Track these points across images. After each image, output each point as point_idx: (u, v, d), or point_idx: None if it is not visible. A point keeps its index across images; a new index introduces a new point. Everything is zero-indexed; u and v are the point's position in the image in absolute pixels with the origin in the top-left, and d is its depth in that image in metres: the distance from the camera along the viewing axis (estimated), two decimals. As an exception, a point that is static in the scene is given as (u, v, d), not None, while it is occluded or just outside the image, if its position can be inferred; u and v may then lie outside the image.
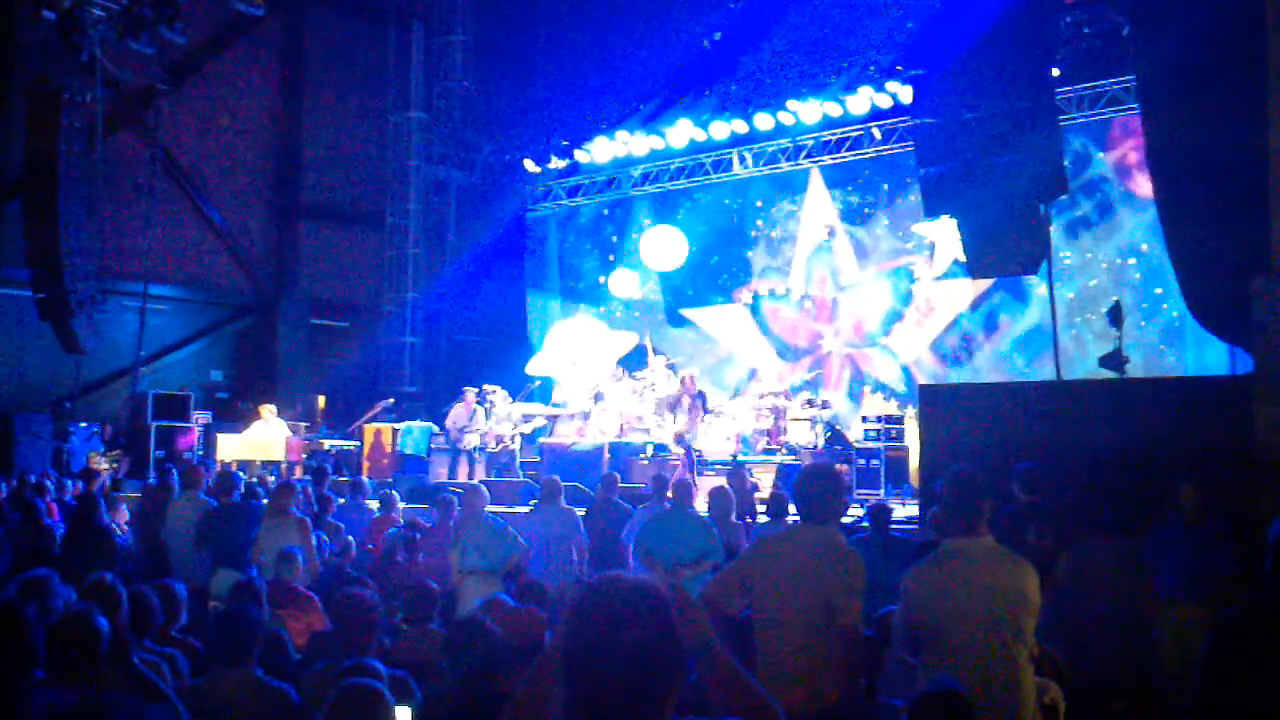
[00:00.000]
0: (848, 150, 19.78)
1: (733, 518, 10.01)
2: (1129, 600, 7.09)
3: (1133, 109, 15.94)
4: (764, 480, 15.12)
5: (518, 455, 17.77)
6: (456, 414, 17.43)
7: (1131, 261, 16.79)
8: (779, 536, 5.45)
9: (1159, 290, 15.96)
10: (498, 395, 17.86)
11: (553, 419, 19.76)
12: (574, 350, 19.82)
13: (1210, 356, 15.08)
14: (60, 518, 12.50)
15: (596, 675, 2.18)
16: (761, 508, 11.87)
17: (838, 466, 15.12)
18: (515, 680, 4.85)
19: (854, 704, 4.96)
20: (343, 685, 3.91)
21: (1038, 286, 13.40)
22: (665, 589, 2.38)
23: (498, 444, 17.30)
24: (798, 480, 5.28)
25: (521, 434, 17.84)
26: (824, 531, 5.08)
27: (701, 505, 10.15)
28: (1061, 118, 14.45)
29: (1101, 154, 17.26)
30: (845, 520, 11.11)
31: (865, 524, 9.84)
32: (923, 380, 17.76)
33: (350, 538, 10.68)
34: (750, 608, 5.14)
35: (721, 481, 11.88)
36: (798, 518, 5.31)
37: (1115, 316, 12.81)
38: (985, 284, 17.59)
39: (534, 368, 21.17)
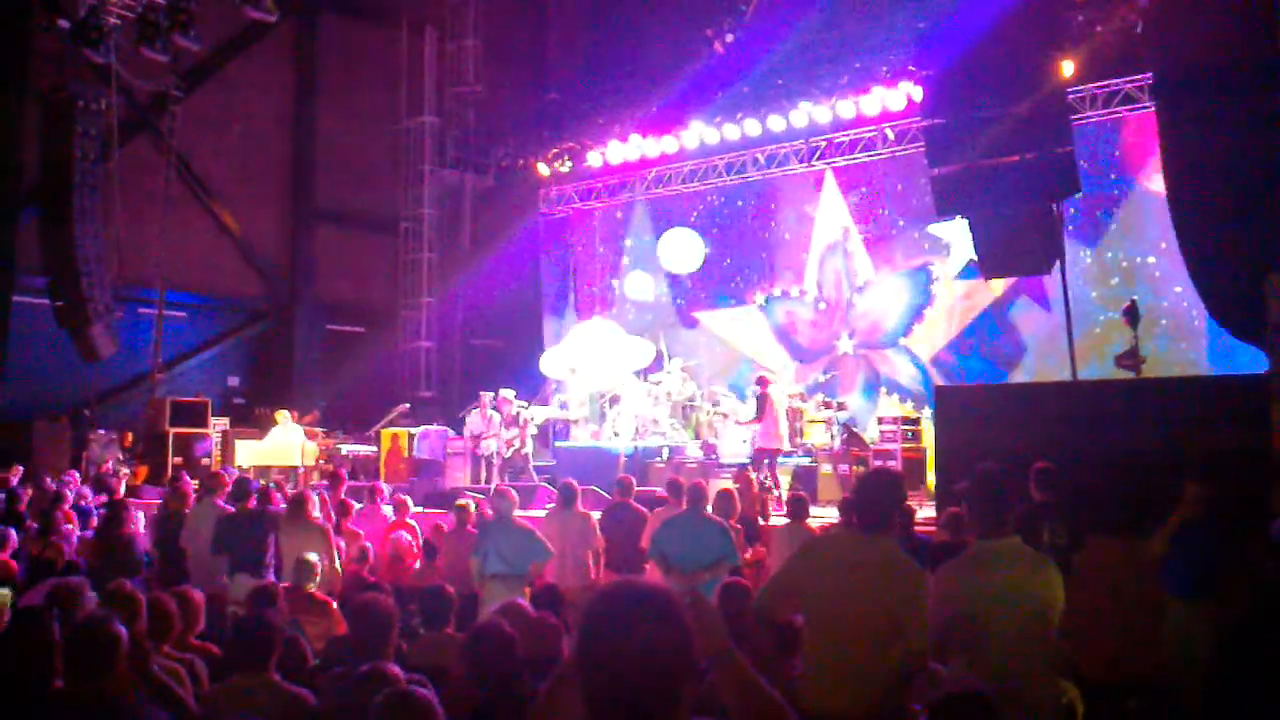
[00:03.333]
0: (861, 151, 19.75)
1: (734, 521, 9.99)
2: (1144, 601, 7.08)
3: (1146, 107, 15.90)
4: (781, 482, 15.16)
5: (531, 458, 17.80)
6: (473, 421, 17.47)
7: (1151, 260, 16.71)
8: (834, 542, 5.26)
9: (1178, 289, 15.86)
10: (509, 399, 17.87)
11: (567, 422, 19.81)
12: (578, 357, 19.81)
13: (1230, 355, 15.02)
14: (79, 525, 12.57)
15: (608, 678, 2.21)
16: (777, 511, 11.89)
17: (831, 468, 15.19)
18: (532, 685, 4.89)
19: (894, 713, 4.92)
20: (388, 693, 3.84)
21: (1058, 286, 13.38)
22: (684, 595, 2.39)
23: (510, 448, 17.33)
24: (859, 484, 5.18)
25: (530, 435, 17.85)
26: (883, 542, 4.90)
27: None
28: (1074, 116, 14.43)
29: (1118, 152, 17.19)
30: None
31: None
32: (940, 381, 17.72)
33: (368, 544, 10.72)
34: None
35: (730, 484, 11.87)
36: (854, 523, 5.18)
37: (1131, 316, 12.79)
38: (1005, 283, 17.51)
39: (546, 365, 21.23)
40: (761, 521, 11.52)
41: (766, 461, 14.81)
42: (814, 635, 4.79)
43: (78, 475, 16.36)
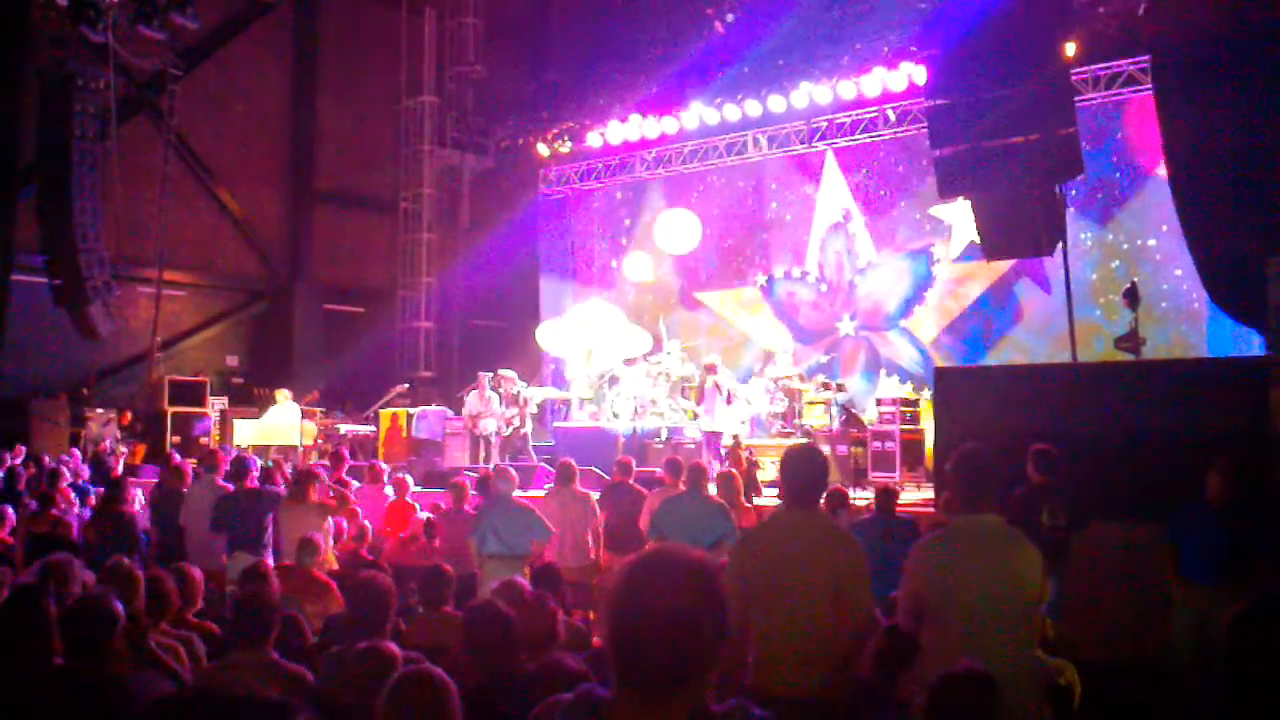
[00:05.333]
0: (862, 132, 19.71)
1: (741, 500, 9.99)
2: (1144, 583, 7.09)
3: (1149, 89, 15.85)
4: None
5: (530, 438, 17.79)
6: (471, 401, 17.46)
7: (1151, 243, 16.70)
8: (768, 528, 5.29)
9: (1179, 272, 15.86)
10: (510, 379, 17.87)
11: (566, 402, 19.79)
12: (591, 339, 19.79)
13: (1230, 338, 15.01)
14: (78, 503, 12.57)
15: (642, 641, 2.23)
16: (772, 491, 11.88)
17: (826, 448, 15.25)
18: (529, 663, 4.88)
19: (863, 688, 4.94)
20: (405, 672, 3.81)
21: (1059, 268, 13.37)
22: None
23: (509, 426, 17.34)
24: (785, 462, 5.11)
25: (530, 415, 17.86)
26: (815, 515, 5.02)
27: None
28: (1077, 98, 14.38)
29: (1120, 134, 17.16)
30: (857, 503, 11.10)
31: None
32: (941, 363, 17.71)
33: (367, 522, 10.71)
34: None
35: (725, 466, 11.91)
36: (782, 500, 5.20)
37: (1132, 298, 12.76)
38: (1006, 265, 17.47)
39: (545, 337, 21.20)
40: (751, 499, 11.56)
41: (713, 445, 15.12)
42: (763, 620, 4.79)
43: (79, 454, 16.36)
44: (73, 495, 12.65)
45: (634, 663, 2.25)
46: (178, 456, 12.79)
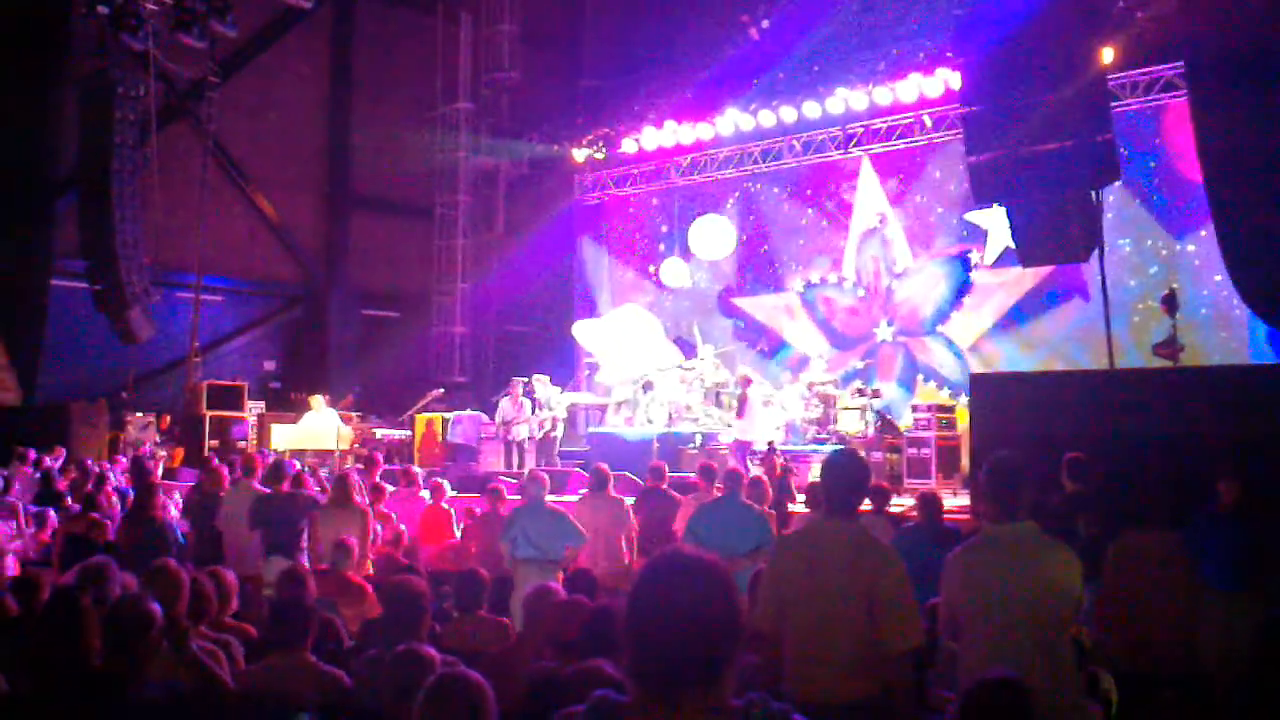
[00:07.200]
0: (898, 138, 19.65)
1: (767, 507, 9.96)
2: (1177, 591, 7.04)
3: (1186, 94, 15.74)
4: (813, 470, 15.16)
5: (558, 443, 17.83)
6: (504, 407, 17.52)
7: (1191, 248, 16.56)
8: (804, 535, 5.19)
9: (1218, 278, 15.69)
10: (544, 384, 17.93)
11: (601, 408, 19.84)
12: (621, 343, 19.83)
13: (1273, 344, 14.88)
14: (119, 507, 12.67)
15: (654, 640, 2.25)
16: (801, 497, 11.86)
17: (863, 454, 15.20)
18: (566, 668, 4.88)
19: (901, 696, 4.90)
20: (441, 675, 3.80)
21: (1097, 274, 13.26)
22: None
23: (540, 430, 17.39)
24: (824, 468, 4.94)
25: (560, 420, 17.92)
26: (852, 526, 4.81)
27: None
28: (1114, 103, 14.29)
29: (1158, 140, 17.03)
30: (895, 510, 11.07)
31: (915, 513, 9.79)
32: (978, 369, 17.62)
33: (402, 526, 10.76)
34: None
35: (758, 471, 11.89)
36: (822, 510, 5.07)
37: (1170, 304, 12.68)
38: (1044, 271, 17.34)
39: (581, 332, 21.27)
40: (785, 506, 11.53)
41: (740, 453, 15.32)
42: (794, 626, 4.72)
43: (124, 459, 16.51)
44: (115, 498, 12.77)
45: (647, 663, 2.26)
46: (216, 460, 12.87)
